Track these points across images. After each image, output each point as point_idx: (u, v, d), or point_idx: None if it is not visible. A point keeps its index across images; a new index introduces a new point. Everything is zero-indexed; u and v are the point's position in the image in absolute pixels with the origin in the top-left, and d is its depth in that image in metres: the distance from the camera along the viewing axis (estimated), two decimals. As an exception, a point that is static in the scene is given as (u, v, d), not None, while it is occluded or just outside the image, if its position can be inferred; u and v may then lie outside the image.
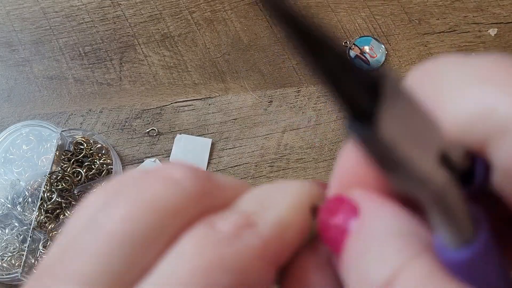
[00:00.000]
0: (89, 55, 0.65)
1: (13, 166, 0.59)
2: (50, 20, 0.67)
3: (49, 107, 0.63)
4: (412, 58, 0.65)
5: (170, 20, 0.67)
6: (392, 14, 0.67)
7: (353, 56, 0.64)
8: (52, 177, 0.58)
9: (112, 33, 0.66)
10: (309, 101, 0.63)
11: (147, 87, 0.64)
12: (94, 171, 0.59)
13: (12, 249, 0.57)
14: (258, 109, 0.63)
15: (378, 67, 0.64)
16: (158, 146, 0.62)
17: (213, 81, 0.64)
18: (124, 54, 0.65)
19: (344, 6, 0.67)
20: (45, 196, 0.57)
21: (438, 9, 0.67)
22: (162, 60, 0.65)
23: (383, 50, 0.65)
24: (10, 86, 0.64)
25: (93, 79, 0.64)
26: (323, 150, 0.62)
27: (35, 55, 0.65)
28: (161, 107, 0.63)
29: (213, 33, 0.66)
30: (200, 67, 0.65)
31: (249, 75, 0.64)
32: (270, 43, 0.66)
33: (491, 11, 0.67)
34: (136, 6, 0.67)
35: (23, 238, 0.57)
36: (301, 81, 0.64)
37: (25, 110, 0.63)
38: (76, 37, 0.66)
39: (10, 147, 0.60)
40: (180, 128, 0.62)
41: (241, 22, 0.67)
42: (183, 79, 0.64)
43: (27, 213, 0.58)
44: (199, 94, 0.64)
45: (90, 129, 0.62)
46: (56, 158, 0.58)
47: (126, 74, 0.65)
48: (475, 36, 0.66)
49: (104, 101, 0.63)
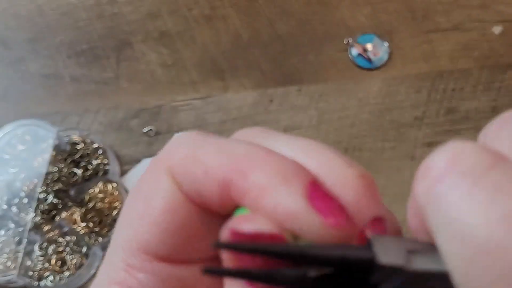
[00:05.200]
0: (85, 53, 0.65)
1: (8, 167, 0.59)
2: (46, 18, 0.66)
3: (45, 106, 0.63)
4: (415, 56, 0.64)
5: (168, 17, 0.66)
6: (395, 11, 0.66)
7: (355, 54, 0.64)
8: (48, 177, 0.58)
9: (109, 31, 0.66)
10: (311, 100, 0.63)
11: (144, 85, 0.64)
12: (90, 171, 0.59)
13: (8, 251, 0.56)
14: (259, 108, 0.63)
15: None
16: (156, 146, 0.61)
17: (212, 79, 0.64)
18: (122, 52, 0.65)
19: (346, 3, 0.67)
20: (41, 197, 0.57)
21: (442, 7, 0.67)
22: (160, 58, 0.65)
23: (386, 48, 0.64)
24: (5, 85, 0.64)
25: (90, 78, 0.64)
26: (325, 150, 0.61)
27: (30, 53, 0.65)
28: (159, 106, 0.63)
29: (212, 31, 0.66)
30: (199, 65, 0.64)
31: (249, 73, 0.64)
32: (270, 40, 0.65)
33: (495, 9, 0.67)
34: (134, 3, 0.67)
35: (19, 240, 0.57)
36: (302, 79, 0.64)
37: (20, 109, 0.63)
38: (72, 35, 0.66)
39: (6, 147, 0.60)
40: (178, 127, 0.62)
41: (241, 19, 0.66)
42: (181, 77, 0.64)
43: (23, 214, 0.57)
44: (198, 93, 0.63)
45: (87, 128, 0.62)
46: (52, 158, 0.58)
47: (124, 73, 0.64)
48: (479, 34, 0.65)
49: (101, 100, 0.63)
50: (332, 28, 0.66)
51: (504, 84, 0.64)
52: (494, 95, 0.63)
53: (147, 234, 0.17)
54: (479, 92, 0.63)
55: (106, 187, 0.58)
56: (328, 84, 0.64)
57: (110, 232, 0.58)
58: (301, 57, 0.65)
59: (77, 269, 0.56)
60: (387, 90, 0.63)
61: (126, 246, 0.18)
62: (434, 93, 0.63)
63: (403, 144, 0.61)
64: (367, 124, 0.62)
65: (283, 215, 0.15)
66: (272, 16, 0.66)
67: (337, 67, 0.64)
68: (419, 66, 0.64)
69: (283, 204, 0.15)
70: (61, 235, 0.57)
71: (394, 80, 0.64)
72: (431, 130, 0.62)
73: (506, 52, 0.65)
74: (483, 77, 0.64)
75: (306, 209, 0.15)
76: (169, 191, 0.17)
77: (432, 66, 0.64)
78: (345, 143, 0.61)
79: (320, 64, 0.64)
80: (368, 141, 0.61)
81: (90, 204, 0.58)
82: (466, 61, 0.64)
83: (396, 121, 0.62)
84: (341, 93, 0.63)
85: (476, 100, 0.63)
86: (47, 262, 0.56)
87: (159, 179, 0.18)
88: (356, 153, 0.61)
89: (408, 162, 0.60)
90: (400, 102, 0.63)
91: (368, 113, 0.62)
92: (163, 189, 0.17)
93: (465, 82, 0.64)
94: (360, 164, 0.17)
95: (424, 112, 0.62)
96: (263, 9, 0.67)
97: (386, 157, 0.61)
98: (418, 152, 0.61)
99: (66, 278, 0.56)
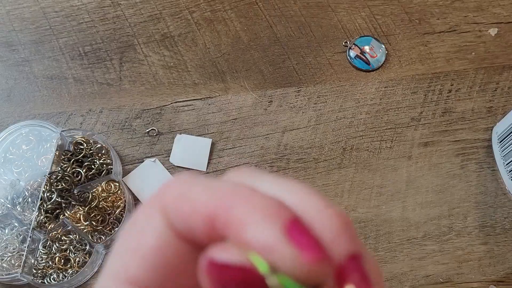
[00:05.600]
0: (89, 55, 0.65)
1: (12, 166, 0.59)
2: (50, 20, 0.67)
3: (49, 107, 0.63)
4: (412, 58, 0.65)
5: (170, 20, 0.67)
6: (392, 14, 0.67)
7: (353, 56, 0.64)
8: (52, 177, 0.58)
9: (112, 33, 0.66)
10: (309, 101, 0.63)
11: (147, 87, 0.64)
12: (94, 171, 0.59)
13: (12, 249, 0.57)
14: (258, 109, 0.63)
15: (378, 67, 0.64)
16: (158, 146, 0.61)
17: (213, 81, 0.64)
18: (124, 54, 0.65)
19: (344, 5, 0.67)
20: (45, 196, 0.57)
21: (439, 9, 0.67)
22: (162, 60, 0.65)
23: (383, 50, 0.65)
24: (10, 86, 0.64)
25: (93, 79, 0.64)
26: (323, 150, 0.61)
27: (35, 55, 0.65)
28: (161, 107, 0.63)
29: (213, 33, 0.66)
30: (200, 67, 0.65)
31: (249, 75, 0.64)
32: (270, 42, 0.66)
33: (491, 11, 0.67)
34: (136, 6, 0.67)
35: (22, 238, 0.57)
36: (301, 81, 0.64)
37: (25, 110, 0.63)
38: (76, 37, 0.66)
39: (10, 147, 0.60)
40: (180, 128, 0.62)
41: (241, 21, 0.67)
42: (183, 79, 0.64)
43: (26, 213, 0.57)
44: (199, 94, 0.63)
45: (90, 129, 0.62)
46: (56, 158, 0.58)
47: (126, 74, 0.64)
48: (475, 36, 0.66)
49: (104, 101, 0.63)
50: (330, 31, 0.66)
51: (499, 85, 0.64)
52: (490, 96, 0.64)
53: (135, 268, 0.18)
54: (475, 93, 0.64)
55: (109, 186, 0.59)
56: (326, 86, 0.64)
57: (112, 230, 0.58)
58: (300, 59, 0.65)
59: (80, 267, 0.56)
60: (384, 91, 0.64)
61: (116, 276, 0.18)
62: (431, 94, 0.64)
63: (400, 144, 0.62)
64: (364, 125, 0.62)
65: (261, 247, 0.16)
66: (271, 19, 0.67)
67: (335, 68, 0.65)
68: (415, 67, 0.65)
69: (261, 236, 0.16)
70: (65, 233, 0.57)
71: (391, 81, 0.64)
72: (428, 131, 0.62)
73: (502, 53, 0.65)
74: (479, 79, 0.64)
75: (283, 241, 0.16)
76: (160, 229, 0.18)
77: (428, 67, 0.65)
78: (343, 143, 0.62)
79: (318, 66, 0.65)
80: (365, 141, 0.62)
81: (93, 203, 0.58)
82: (462, 63, 0.65)
83: (393, 122, 0.63)
84: (339, 94, 0.64)
85: (472, 101, 0.63)
86: (51, 260, 0.57)
87: (152, 216, 0.18)
88: (354, 153, 0.61)
89: (405, 162, 0.61)
90: (397, 103, 0.63)
91: (366, 113, 0.63)
92: (155, 226, 0.18)
93: (461, 83, 0.64)
94: (358, 163, 0.18)
95: (421, 113, 0.63)
96: (263, 12, 0.67)
97: (383, 157, 0.61)
98: (414, 152, 0.61)
99: (70, 276, 0.56)
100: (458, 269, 0.57)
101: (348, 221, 0.18)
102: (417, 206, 0.59)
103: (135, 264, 0.18)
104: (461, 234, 0.58)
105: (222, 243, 0.17)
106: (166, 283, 0.18)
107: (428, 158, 0.61)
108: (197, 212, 0.17)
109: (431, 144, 0.62)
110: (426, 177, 0.60)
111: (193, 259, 0.18)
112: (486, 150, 0.62)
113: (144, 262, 0.18)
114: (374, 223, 0.59)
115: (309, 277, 0.16)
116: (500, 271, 0.57)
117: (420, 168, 0.61)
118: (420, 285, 0.57)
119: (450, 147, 0.62)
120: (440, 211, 0.59)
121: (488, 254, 0.58)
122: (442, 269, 0.57)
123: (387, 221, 0.59)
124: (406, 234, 0.58)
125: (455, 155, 0.61)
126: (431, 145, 0.62)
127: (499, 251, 0.58)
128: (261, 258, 0.16)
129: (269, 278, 0.16)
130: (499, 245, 0.58)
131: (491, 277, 0.57)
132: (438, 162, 0.61)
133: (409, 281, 0.57)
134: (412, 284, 0.57)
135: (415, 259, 0.58)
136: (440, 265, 0.57)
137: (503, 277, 0.57)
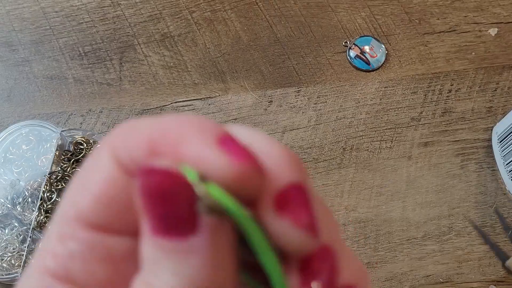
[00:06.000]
0: (89, 55, 0.65)
1: (12, 166, 0.59)
2: (50, 20, 0.67)
3: (49, 107, 0.63)
4: (412, 58, 0.65)
5: (170, 20, 0.67)
6: (392, 14, 0.67)
7: (353, 56, 0.64)
8: (52, 177, 0.58)
9: (112, 33, 0.66)
10: (309, 101, 0.63)
11: (147, 87, 0.64)
12: (94, 171, 0.59)
13: (12, 249, 0.57)
14: (258, 109, 0.63)
15: (378, 67, 0.64)
16: (158, 146, 0.62)
17: (213, 81, 0.64)
18: (124, 54, 0.65)
19: (344, 5, 0.67)
20: (45, 196, 0.57)
21: (438, 9, 0.67)
22: (162, 60, 0.65)
23: (383, 50, 0.65)
24: (10, 86, 0.64)
25: (93, 79, 0.64)
26: (323, 150, 0.62)
27: (35, 55, 0.65)
28: (161, 107, 0.63)
29: (213, 33, 0.66)
30: (200, 67, 0.65)
31: (249, 75, 0.64)
32: (270, 42, 0.66)
33: (491, 11, 0.67)
34: (136, 6, 0.67)
35: (23, 238, 0.57)
36: (301, 81, 0.64)
37: (25, 110, 0.63)
38: (76, 37, 0.66)
39: (10, 147, 0.60)
40: (180, 128, 0.62)
41: (241, 22, 0.67)
42: (183, 79, 0.64)
43: (27, 213, 0.57)
44: (199, 94, 0.64)
45: (90, 129, 0.62)
46: (56, 158, 0.58)
47: (126, 74, 0.64)
48: (475, 36, 0.66)
49: (104, 101, 0.63)
50: (330, 31, 0.66)
51: (499, 85, 0.64)
52: (490, 96, 0.64)
53: (82, 203, 0.18)
54: (475, 93, 0.64)
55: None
56: (326, 86, 0.64)
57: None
58: (300, 59, 0.65)
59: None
60: (384, 91, 0.64)
61: (63, 216, 0.18)
62: (431, 94, 0.64)
63: (400, 144, 0.62)
64: (364, 125, 0.63)
65: (192, 157, 0.16)
66: (271, 19, 0.67)
67: (335, 68, 0.65)
68: (415, 67, 0.65)
69: (192, 148, 0.16)
70: (65, 233, 0.57)
71: (391, 81, 0.64)
72: (428, 131, 0.62)
73: (502, 53, 0.65)
74: (479, 79, 0.64)
75: (213, 150, 0.16)
76: (108, 165, 0.18)
77: (428, 67, 0.65)
78: (343, 143, 0.62)
79: (318, 66, 0.65)
80: (365, 141, 0.62)
81: (93, 203, 0.58)
82: (462, 63, 0.65)
83: (393, 122, 0.63)
84: (339, 94, 0.64)
85: (472, 101, 0.63)
86: (51, 260, 0.57)
87: (100, 155, 0.18)
88: (354, 152, 0.61)
89: (405, 162, 0.61)
90: (397, 103, 0.63)
91: (366, 113, 0.63)
92: (102, 163, 0.18)
93: (461, 83, 0.64)
94: (358, 163, 0.18)
95: (421, 113, 0.63)
96: (263, 12, 0.67)
97: (383, 157, 0.61)
98: (414, 152, 0.61)
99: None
100: (458, 269, 0.57)
101: (298, 158, 0.17)
102: (417, 206, 0.59)
103: (82, 199, 0.18)
104: (461, 234, 0.59)
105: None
106: (115, 220, 0.18)
107: (428, 158, 0.61)
108: (140, 141, 0.17)
109: (431, 144, 0.62)
110: (426, 177, 0.61)
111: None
112: (486, 150, 0.62)
113: (92, 197, 0.18)
114: (374, 223, 0.59)
115: (237, 186, 0.16)
116: (500, 271, 0.57)
117: (420, 168, 0.61)
118: (420, 285, 0.57)
119: (450, 147, 0.62)
120: (440, 211, 0.59)
121: (488, 254, 0.58)
122: (442, 269, 0.57)
123: (387, 221, 0.59)
124: (406, 234, 0.58)
125: (455, 155, 0.61)
126: (431, 145, 0.62)
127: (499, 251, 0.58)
128: (191, 169, 0.16)
129: (198, 186, 0.16)
130: (499, 245, 0.58)
131: (491, 277, 0.57)
132: (438, 162, 0.61)
133: (409, 281, 0.57)
134: (412, 284, 0.57)
135: (415, 259, 0.58)
136: (440, 265, 0.58)
137: (503, 277, 0.57)
